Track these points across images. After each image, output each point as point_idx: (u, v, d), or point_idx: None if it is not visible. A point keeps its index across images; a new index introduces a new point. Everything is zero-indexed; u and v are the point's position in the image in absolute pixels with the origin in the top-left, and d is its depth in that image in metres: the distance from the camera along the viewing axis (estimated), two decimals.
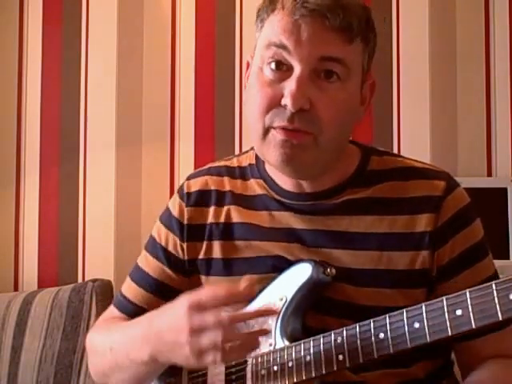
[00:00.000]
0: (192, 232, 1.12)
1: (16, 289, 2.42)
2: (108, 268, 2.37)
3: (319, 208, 1.04)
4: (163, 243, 1.15)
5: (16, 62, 2.48)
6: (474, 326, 0.81)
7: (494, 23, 2.41)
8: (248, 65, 1.06)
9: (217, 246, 1.09)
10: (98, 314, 2.07)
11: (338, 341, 0.91)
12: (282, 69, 0.95)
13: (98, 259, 2.41)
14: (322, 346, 0.93)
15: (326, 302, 1.02)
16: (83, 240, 2.42)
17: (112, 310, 1.24)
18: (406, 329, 0.86)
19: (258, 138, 0.98)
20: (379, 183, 1.05)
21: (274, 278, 1.04)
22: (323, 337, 0.93)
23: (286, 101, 0.93)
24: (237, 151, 2.36)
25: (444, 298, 0.85)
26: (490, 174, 2.36)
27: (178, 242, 1.13)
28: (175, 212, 1.15)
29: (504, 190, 2.20)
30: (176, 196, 1.19)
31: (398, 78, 2.39)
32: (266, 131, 0.97)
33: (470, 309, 0.82)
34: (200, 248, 1.11)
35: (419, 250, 1.01)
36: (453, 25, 2.41)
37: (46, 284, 2.35)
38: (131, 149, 2.42)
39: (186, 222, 1.12)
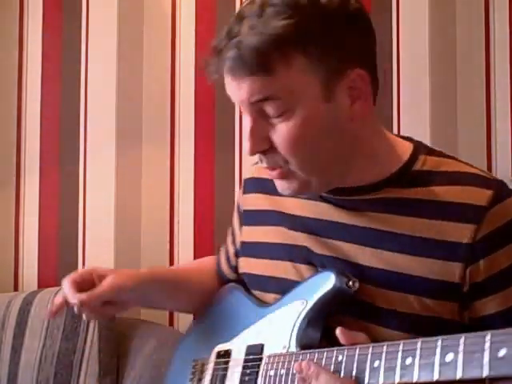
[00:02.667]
0: (241, 217, 1.22)
1: (16, 289, 2.42)
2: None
3: (348, 202, 1.01)
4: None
5: (16, 61, 2.48)
6: (457, 377, 0.73)
7: (494, 23, 2.41)
8: None
9: (245, 230, 1.19)
10: None
11: (339, 359, 0.88)
12: None
13: (98, 259, 2.41)
14: (324, 360, 0.91)
15: None
16: (83, 240, 2.42)
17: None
18: (399, 362, 0.80)
19: None
20: (422, 185, 0.98)
21: (297, 284, 1.04)
22: (327, 351, 0.91)
23: None
24: (237, 151, 2.36)
25: (440, 338, 0.77)
26: None
27: None
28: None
29: None
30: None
31: (398, 78, 2.39)
32: None
33: (461, 356, 0.73)
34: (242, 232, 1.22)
35: (450, 261, 0.94)
36: (453, 25, 2.41)
37: (45, 284, 2.35)
38: (131, 149, 2.42)
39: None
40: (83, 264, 2.41)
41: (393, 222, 0.97)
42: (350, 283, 0.95)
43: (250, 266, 1.17)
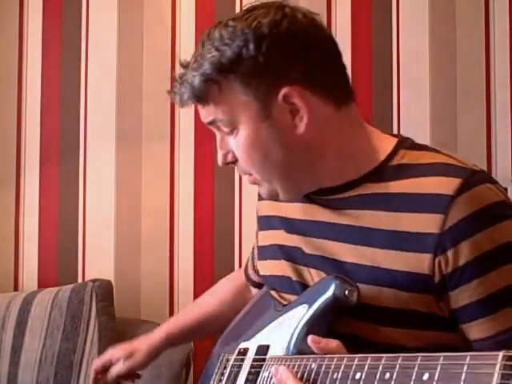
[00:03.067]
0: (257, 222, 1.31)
1: (16, 289, 2.42)
2: (108, 268, 2.37)
3: (331, 202, 1.05)
4: None
5: (16, 61, 2.48)
6: None
7: (494, 24, 2.41)
8: None
9: (260, 235, 1.26)
10: (98, 314, 2.08)
11: (312, 366, 0.91)
12: None
13: (98, 259, 2.41)
14: (301, 367, 0.94)
15: None
16: (83, 240, 2.42)
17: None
18: (351, 375, 0.84)
19: None
20: (398, 179, 0.99)
21: (306, 288, 1.08)
22: (305, 358, 0.94)
23: None
24: None
25: (385, 356, 0.80)
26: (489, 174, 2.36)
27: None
28: None
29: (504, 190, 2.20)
30: None
31: (398, 78, 2.39)
32: None
33: (395, 376, 0.76)
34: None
35: (420, 252, 0.94)
36: (453, 25, 2.41)
37: (45, 284, 2.35)
38: (131, 148, 2.42)
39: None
40: (83, 264, 2.41)
41: (369, 217, 0.99)
42: (347, 292, 0.96)
43: (262, 268, 1.24)
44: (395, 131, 2.37)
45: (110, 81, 2.44)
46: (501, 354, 0.63)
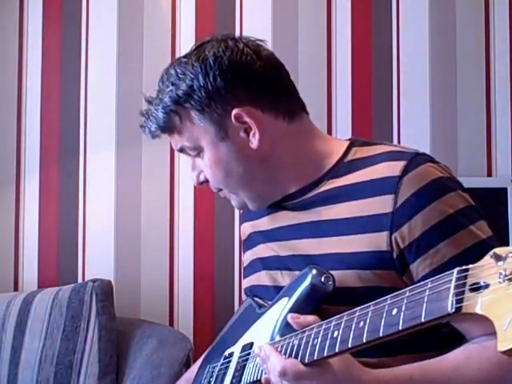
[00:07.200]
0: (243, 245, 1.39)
1: (16, 289, 2.42)
2: (108, 268, 2.37)
3: (298, 204, 1.16)
4: None
5: (16, 61, 2.48)
6: (363, 341, 0.83)
7: (494, 23, 2.41)
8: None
9: (244, 257, 1.35)
10: (98, 314, 2.07)
11: (294, 342, 0.97)
12: None
13: (97, 259, 2.41)
14: (284, 346, 0.98)
15: None
16: (83, 240, 2.42)
17: None
18: (329, 336, 0.89)
19: None
20: (353, 172, 1.11)
21: (287, 285, 1.14)
22: (288, 338, 0.99)
23: None
24: None
25: (358, 309, 0.86)
26: (490, 174, 2.37)
27: None
28: None
29: (504, 190, 2.20)
30: None
31: (398, 78, 2.39)
32: None
33: (368, 321, 0.83)
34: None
35: (378, 232, 1.03)
36: (453, 25, 2.42)
37: (46, 284, 2.35)
38: (131, 149, 2.42)
39: None
40: (83, 264, 2.41)
41: (330, 211, 1.10)
42: (323, 279, 1.03)
43: (245, 283, 1.33)
44: (395, 132, 2.38)
45: (110, 81, 2.44)
46: (455, 270, 0.71)
